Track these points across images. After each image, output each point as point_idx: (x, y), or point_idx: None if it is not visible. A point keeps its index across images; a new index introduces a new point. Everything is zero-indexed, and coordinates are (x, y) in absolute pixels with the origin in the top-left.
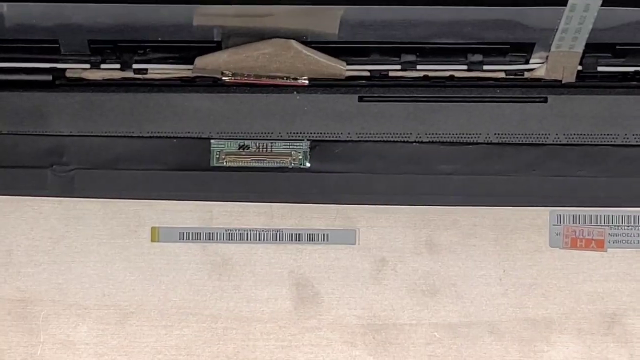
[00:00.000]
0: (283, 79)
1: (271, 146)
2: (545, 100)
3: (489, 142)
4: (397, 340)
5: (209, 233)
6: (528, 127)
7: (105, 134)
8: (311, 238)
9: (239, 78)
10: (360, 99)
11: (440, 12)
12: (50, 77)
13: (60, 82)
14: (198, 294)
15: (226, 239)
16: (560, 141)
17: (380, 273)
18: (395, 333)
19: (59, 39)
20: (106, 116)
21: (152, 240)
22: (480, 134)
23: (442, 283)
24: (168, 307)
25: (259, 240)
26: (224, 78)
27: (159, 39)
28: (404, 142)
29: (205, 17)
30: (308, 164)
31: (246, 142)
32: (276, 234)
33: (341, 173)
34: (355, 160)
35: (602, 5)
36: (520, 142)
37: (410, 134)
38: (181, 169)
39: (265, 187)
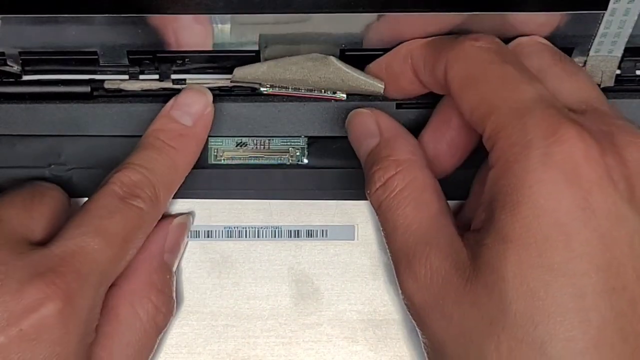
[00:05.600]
0: (321, 92)
1: (269, 143)
2: None
3: None
4: (398, 336)
5: (208, 231)
6: None
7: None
8: (310, 234)
9: (277, 90)
10: (399, 106)
11: (479, 18)
12: (88, 89)
13: (98, 94)
14: (198, 291)
15: (225, 237)
16: None
17: (379, 268)
18: (396, 328)
19: (98, 51)
20: (144, 126)
21: None
22: None
23: None
24: None
25: (258, 237)
26: (262, 89)
27: (197, 49)
28: None
29: (242, 25)
30: (306, 160)
31: (244, 140)
32: (275, 230)
33: (339, 169)
34: (353, 155)
35: None
36: None
37: None
38: None
39: (264, 184)
